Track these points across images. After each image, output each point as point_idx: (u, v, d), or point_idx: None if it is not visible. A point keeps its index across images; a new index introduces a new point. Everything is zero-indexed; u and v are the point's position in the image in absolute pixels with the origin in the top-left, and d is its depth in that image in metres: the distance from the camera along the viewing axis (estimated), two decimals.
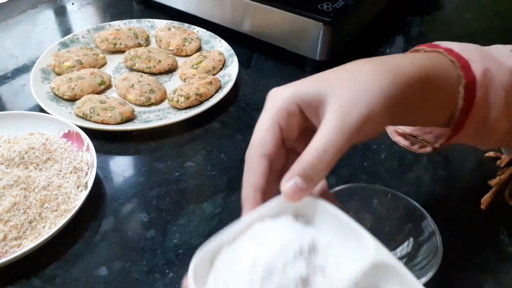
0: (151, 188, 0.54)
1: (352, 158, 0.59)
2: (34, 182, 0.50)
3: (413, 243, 0.44)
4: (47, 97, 0.64)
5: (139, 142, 0.61)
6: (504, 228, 0.50)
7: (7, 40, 0.81)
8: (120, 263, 0.46)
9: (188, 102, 0.63)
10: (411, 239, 0.44)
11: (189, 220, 0.51)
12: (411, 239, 0.44)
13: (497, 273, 0.46)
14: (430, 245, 0.42)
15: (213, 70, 0.70)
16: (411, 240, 0.44)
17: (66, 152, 0.55)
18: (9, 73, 0.73)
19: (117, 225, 0.50)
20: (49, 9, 0.89)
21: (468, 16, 0.91)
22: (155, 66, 0.71)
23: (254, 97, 0.68)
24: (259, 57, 0.77)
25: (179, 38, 0.75)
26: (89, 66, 0.71)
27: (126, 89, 0.65)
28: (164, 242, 0.48)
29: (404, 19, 0.88)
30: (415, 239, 0.44)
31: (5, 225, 0.46)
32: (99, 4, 0.92)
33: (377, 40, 0.82)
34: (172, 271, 0.46)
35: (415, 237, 0.44)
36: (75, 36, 0.76)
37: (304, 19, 0.68)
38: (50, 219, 0.48)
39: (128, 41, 0.75)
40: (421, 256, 0.42)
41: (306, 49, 0.70)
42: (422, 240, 0.43)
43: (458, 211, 0.52)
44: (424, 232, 0.43)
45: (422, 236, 0.43)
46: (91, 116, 0.60)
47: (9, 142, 0.55)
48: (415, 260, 0.43)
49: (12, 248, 0.45)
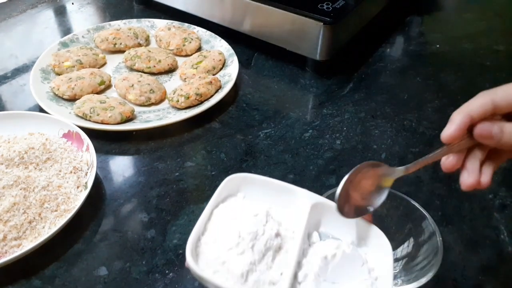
0: (151, 188, 0.54)
1: (352, 158, 0.59)
2: (34, 182, 0.50)
3: (413, 243, 0.44)
4: (47, 97, 0.64)
5: (139, 142, 0.61)
6: (504, 228, 0.50)
7: (7, 40, 0.80)
8: (120, 263, 0.46)
9: (188, 102, 0.63)
10: (411, 239, 0.44)
11: (189, 220, 0.51)
12: (411, 239, 0.44)
13: (498, 273, 0.46)
14: (430, 245, 0.42)
15: (213, 70, 0.70)
16: (412, 240, 0.44)
17: (66, 152, 0.55)
18: (9, 73, 0.73)
19: (117, 225, 0.50)
20: (49, 9, 0.89)
21: (468, 16, 0.91)
22: (155, 66, 0.70)
23: (254, 97, 0.68)
24: (259, 57, 0.77)
25: (179, 38, 0.75)
26: (89, 66, 0.71)
27: (126, 89, 0.65)
28: (164, 242, 0.48)
29: (404, 19, 0.88)
30: (415, 239, 0.44)
31: (5, 225, 0.46)
32: (99, 4, 0.92)
33: (377, 40, 0.82)
34: (172, 271, 0.46)
35: (415, 237, 0.44)
36: (75, 36, 0.76)
37: (304, 19, 0.68)
38: (50, 219, 0.48)
39: (128, 41, 0.75)
40: (421, 256, 0.42)
41: (306, 49, 0.70)
42: (422, 241, 0.43)
43: (458, 211, 0.52)
44: (424, 232, 0.43)
45: (422, 236, 0.43)
46: (91, 116, 0.60)
47: (9, 142, 0.55)
48: (415, 260, 0.43)
49: (12, 248, 0.45)
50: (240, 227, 0.34)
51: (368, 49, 0.79)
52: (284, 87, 0.71)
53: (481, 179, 0.33)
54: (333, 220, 0.36)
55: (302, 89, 0.71)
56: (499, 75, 0.74)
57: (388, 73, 0.75)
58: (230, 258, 0.32)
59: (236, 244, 0.33)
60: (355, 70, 0.74)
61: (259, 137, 0.61)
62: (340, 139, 0.62)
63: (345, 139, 0.62)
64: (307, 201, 0.36)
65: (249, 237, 0.33)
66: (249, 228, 0.33)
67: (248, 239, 0.33)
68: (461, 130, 0.32)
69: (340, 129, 0.63)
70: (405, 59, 0.79)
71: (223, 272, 0.32)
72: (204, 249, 0.34)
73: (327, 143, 0.61)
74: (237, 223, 0.34)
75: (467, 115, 0.32)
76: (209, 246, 0.34)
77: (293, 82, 0.72)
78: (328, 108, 0.67)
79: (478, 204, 0.53)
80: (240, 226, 0.34)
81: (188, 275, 0.45)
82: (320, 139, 0.62)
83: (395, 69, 0.75)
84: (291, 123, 0.64)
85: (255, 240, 0.33)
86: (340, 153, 0.59)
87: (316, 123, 0.64)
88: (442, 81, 0.72)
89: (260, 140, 0.61)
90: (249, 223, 0.34)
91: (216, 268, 0.32)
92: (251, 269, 0.31)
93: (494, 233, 0.50)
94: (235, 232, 0.33)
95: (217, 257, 0.33)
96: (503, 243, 0.49)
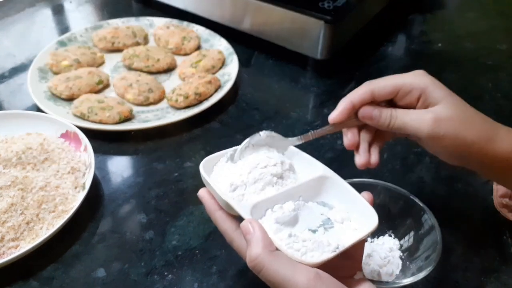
0: (149, 189, 0.54)
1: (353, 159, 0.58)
2: (32, 183, 0.49)
3: (414, 237, 0.45)
4: (44, 96, 0.64)
5: (138, 142, 0.60)
6: (507, 229, 0.50)
7: (5, 39, 0.80)
8: (118, 265, 0.46)
9: (187, 101, 0.63)
10: (412, 233, 0.46)
11: (188, 221, 0.50)
12: (412, 232, 0.46)
13: (500, 274, 0.46)
14: (430, 239, 0.43)
15: (213, 69, 0.70)
16: (412, 234, 0.45)
17: (63, 152, 0.54)
18: (6, 72, 0.72)
19: (115, 226, 0.50)
20: (47, 8, 0.89)
21: (470, 15, 0.90)
22: (154, 65, 0.70)
23: (254, 97, 0.68)
24: (259, 56, 0.76)
25: (178, 36, 0.74)
26: (87, 65, 0.70)
27: (125, 88, 0.65)
28: (163, 244, 0.48)
29: (406, 17, 0.88)
30: (416, 233, 0.45)
31: (2, 226, 0.45)
32: (97, 3, 0.91)
33: (378, 38, 0.81)
34: (171, 273, 0.45)
35: (416, 230, 0.45)
36: (73, 34, 0.75)
37: (305, 18, 0.67)
38: (47, 220, 0.47)
39: (126, 40, 0.74)
40: (421, 250, 0.44)
41: (307, 48, 0.70)
42: (422, 234, 0.44)
43: (460, 211, 0.52)
44: (424, 226, 0.44)
45: (422, 230, 0.45)
46: (89, 116, 0.60)
47: (6, 142, 0.54)
48: (416, 253, 0.44)
49: (10, 250, 0.45)
50: (252, 159, 0.38)
51: (370, 48, 0.79)
52: (285, 86, 0.71)
53: (371, 159, 0.40)
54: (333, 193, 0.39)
55: (303, 88, 0.71)
56: (501, 74, 0.73)
57: (390, 72, 0.74)
58: (229, 174, 0.38)
59: (240, 168, 0.38)
60: (357, 69, 0.74)
61: None
62: (341, 139, 0.61)
63: None
64: (321, 168, 0.40)
65: (249, 166, 0.37)
66: (255, 160, 0.38)
67: (248, 167, 0.37)
68: (343, 113, 0.39)
69: None
70: (407, 58, 0.78)
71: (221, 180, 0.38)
72: (219, 166, 0.40)
73: (328, 144, 0.60)
74: (251, 156, 0.39)
75: (349, 101, 0.39)
76: (221, 166, 0.40)
77: (293, 82, 0.72)
78: (329, 107, 0.66)
79: (480, 205, 0.53)
80: (252, 159, 0.38)
81: (187, 277, 0.45)
82: (320, 139, 0.61)
83: (397, 68, 0.75)
84: (291, 123, 0.64)
85: (254, 168, 0.37)
86: (341, 153, 0.59)
87: (317, 123, 0.64)
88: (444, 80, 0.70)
89: None
90: (259, 157, 0.38)
91: (217, 179, 0.38)
92: (240, 185, 0.37)
93: (496, 234, 0.49)
94: (246, 161, 0.38)
95: (222, 173, 0.39)
96: (505, 244, 0.48)
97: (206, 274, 0.45)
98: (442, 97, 0.37)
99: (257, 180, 0.37)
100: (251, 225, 0.33)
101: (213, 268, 0.46)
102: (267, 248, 0.31)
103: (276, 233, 0.34)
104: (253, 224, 0.33)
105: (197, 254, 0.47)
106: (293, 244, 0.33)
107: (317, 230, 0.36)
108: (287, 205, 0.36)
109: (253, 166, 0.38)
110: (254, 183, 0.37)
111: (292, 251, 0.32)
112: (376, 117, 0.38)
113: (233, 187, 0.37)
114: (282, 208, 0.36)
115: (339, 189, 0.39)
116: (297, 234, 0.34)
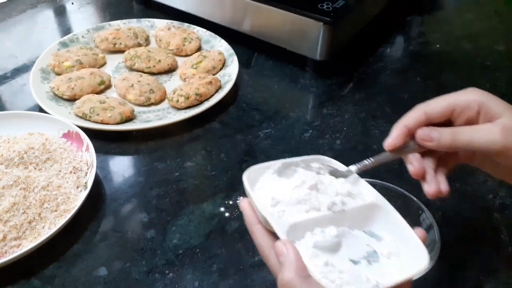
0: (151, 188, 0.54)
1: (353, 158, 0.58)
2: (34, 182, 0.50)
3: None
4: (46, 97, 0.64)
5: (139, 142, 0.61)
6: (504, 229, 0.50)
7: (7, 40, 0.80)
8: (119, 264, 0.46)
9: (188, 102, 0.63)
10: None
11: (189, 220, 0.51)
12: None
13: (498, 273, 0.46)
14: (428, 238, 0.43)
15: (213, 70, 0.70)
16: None
17: (65, 152, 0.55)
18: (8, 73, 0.72)
19: (117, 225, 0.50)
20: (49, 9, 0.89)
21: (469, 16, 0.91)
22: (155, 66, 0.70)
23: (254, 97, 0.68)
24: (259, 57, 0.77)
25: (179, 37, 0.75)
26: (89, 66, 0.70)
27: (126, 89, 0.65)
28: (164, 242, 0.48)
29: (404, 19, 0.88)
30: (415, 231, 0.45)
31: (5, 225, 0.46)
32: (99, 4, 0.91)
33: (377, 39, 0.82)
34: (172, 272, 0.46)
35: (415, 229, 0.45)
36: (75, 36, 0.76)
37: (304, 19, 0.68)
38: (49, 219, 0.48)
39: (127, 41, 0.74)
40: None
41: (307, 49, 0.70)
42: None
43: (458, 211, 0.52)
44: (422, 225, 0.44)
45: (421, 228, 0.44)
46: (91, 116, 0.60)
47: (8, 142, 0.55)
48: None
49: (12, 249, 0.45)
50: (301, 176, 0.36)
51: (368, 49, 0.79)
52: (284, 87, 0.71)
53: (441, 188, 0.37)
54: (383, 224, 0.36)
55: (302, 89, 0.71)
56: (500, 75, 0.74)
57: (389, 73, 0.75)
58: (273, 188, 0.36)
59: (285, 183, 0.36)
60: (355, 70, 0.74)
61: (259, 137, 0.61)
62: (340, 139, 0.62)
63: (345, 139, 0.61)
64: (373, 195, 0.37)
65: (297, 183, 0.35)
66: (303, 177, 0.36)
67: (295, 184, 0.35)
68: (397, 138, 0.37)
69: (340, 129, 0.63)
70: (405, 59, 0.78)
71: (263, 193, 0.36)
72: (267, 180, 0.37)
73: (327, 143, 0.61)
74: (301, 175, 0.37)
75: (402, 125, 0.37)
76: (271, 179, 0.37)
77: (293, 82, 0.72)
78: (328, 108, 0.67)
79: (478, 204, 0.53)
80: (301, 176, 0.36)
81: (188, 275, 0.45)
82: (320, 139, 0.62)
83: (396, 69, 0.75)
84: (291, 123, 0.64)
85: (300, 187, 0.35)
86: (340, 153, 0.59)
87: (316, 123, 0.64)
88: (443, 81, 0.72)
89: (260, 140, 0.61)
90: (310, 175, 0.36)
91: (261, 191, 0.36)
92: (282, 201, 0.35)
93: (494, 233, 0.50)
94: (300, 179, 0.36)
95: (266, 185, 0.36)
96: (503, 243, 0.48)
97: (207, 272, 0.46)
98: (503, 109, 0.35)
99: (301, 201, 0.35)
100: (285, 246, 0.31)
101: (213, 266, 0.46)
102: (301, 273, 0.30)
103: (311, 258, 0.32)
104: (287, 246, 0.31)
105: (198, 253, 0.47)
106: (328, 273, 0.31)
107: (359, 261, 0.33)
108: (329, 229, 0.34)
109: (300, 183, 0.35)
110: (297, 203, 0.35)
111: (327, 281, 0.30)
112: (436, 137, 0.35)
113: (274, 202, 0.35)
114: (323, 232, 0.33)
115: (391, 221, 0.35)
116: (334, 263, 0.32)
